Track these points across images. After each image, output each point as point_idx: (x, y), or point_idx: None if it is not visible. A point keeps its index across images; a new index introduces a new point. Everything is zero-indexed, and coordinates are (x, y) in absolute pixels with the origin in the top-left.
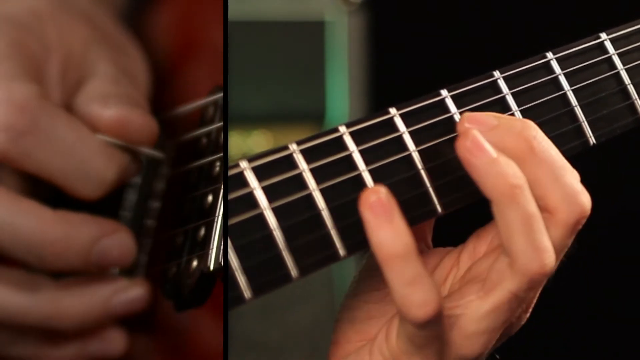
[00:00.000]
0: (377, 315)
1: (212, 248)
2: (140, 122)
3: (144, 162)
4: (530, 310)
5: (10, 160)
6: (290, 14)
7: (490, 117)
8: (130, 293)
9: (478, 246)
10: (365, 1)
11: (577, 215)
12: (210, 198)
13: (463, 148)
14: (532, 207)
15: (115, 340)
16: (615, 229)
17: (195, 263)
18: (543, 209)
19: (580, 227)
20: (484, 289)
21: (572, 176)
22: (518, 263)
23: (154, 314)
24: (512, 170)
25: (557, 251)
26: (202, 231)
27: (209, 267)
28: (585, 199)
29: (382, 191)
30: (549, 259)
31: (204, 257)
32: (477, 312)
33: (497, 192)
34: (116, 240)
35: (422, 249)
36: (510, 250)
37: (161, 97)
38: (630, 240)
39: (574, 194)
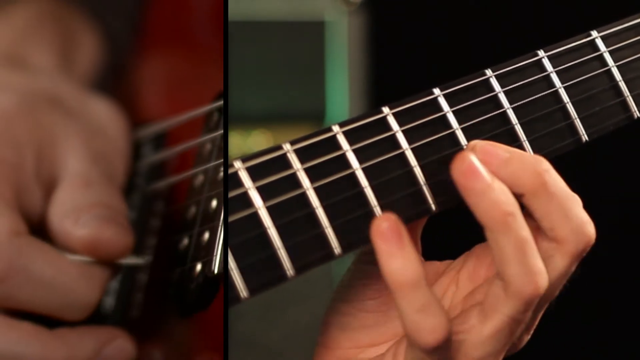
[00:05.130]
0: (371, 324)
1: (217, 252)
2: (113, 239)
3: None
4: (532, 330)
5: None
6: (290, 14)
7: (502, 150)
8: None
9: (478, 268)
10: (365, 1)
11: (584, 245)
12: (214, 202)
13: (459, 172)
14: (525, 232)
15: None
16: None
17: (199, 267)
18: (551, 239)
19: (584, 254)
20: (483, 313)
21: (579, 207)
22: (512, 287)
23: (156, 318)
24: (505, 197)
25: (561, 278)
26: (207, 235)
27: (213, 272)
28: (591, 229)
29: (393, 218)
30: (542, 281)
31: (208, 262)
32: (479, 337)
33: (490, 219)
34: (116, 348)
35: None
36: (504, 275)
37: (165, 105)
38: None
39: (582, 225)
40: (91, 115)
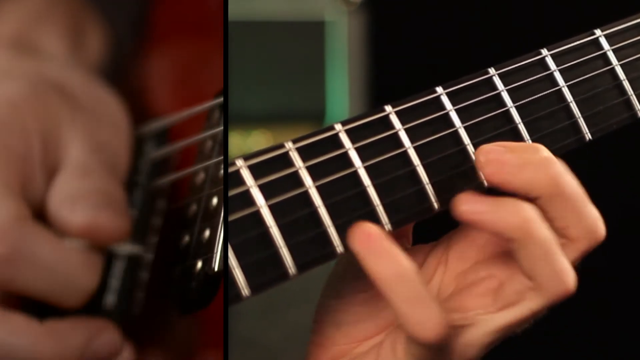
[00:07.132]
0: (365, 318)
1: (217, 250)
2: (109, 224)
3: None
4: None
5: None
6: (290, 14)
7: (514, 157)
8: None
9: (469, 250)
10: (365, 1)
11: (595, 242)
12: (215, 200)
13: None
14: (547, 232)
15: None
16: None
17: (199, 265)
18: (562, 236)
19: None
20: (497, 305)
21: (590, 206)
22: (544, 288)
23: (155, 317)
24: (518, 207)
25: None
26: (207, 233)
27: (213, 269)
28: (602, 226)
29: (369, 225)
30: (572, 279)
31: (208, 259)
32: (488, 326)
33: (513, 230)
34: (105, 339)
35: (405, 246)
36: (534, 278)
37: (167, 101)
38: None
39: (594, 225)
40: (97, 106)
